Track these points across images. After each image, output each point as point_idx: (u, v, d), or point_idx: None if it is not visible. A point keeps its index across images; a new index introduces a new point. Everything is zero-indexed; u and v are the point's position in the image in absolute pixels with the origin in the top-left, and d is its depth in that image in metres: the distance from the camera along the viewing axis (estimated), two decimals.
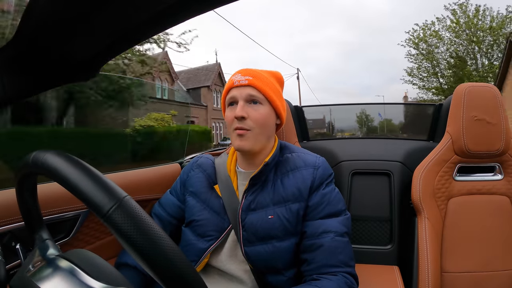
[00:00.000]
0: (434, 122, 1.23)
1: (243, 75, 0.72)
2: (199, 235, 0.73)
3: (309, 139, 1.35)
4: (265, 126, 0.72)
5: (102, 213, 0.28)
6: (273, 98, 0.73)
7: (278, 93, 0.75)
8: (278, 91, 0.76)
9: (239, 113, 0.69)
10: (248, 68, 0.76)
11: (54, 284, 0.34)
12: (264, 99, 0.72)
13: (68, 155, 0.33)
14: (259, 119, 0.71)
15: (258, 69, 0.77)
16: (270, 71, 0.79)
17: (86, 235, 0.84)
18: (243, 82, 0.71)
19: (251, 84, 0.71)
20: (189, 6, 0.29)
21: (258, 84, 0.71)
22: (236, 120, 0.70)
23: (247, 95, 0.71)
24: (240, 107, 0.70)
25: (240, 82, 0.71)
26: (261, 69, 0.77)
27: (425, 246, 0.91)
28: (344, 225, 0.70)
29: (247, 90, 0.71)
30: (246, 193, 0.72)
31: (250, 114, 0.70)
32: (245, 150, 0.71)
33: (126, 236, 0.27)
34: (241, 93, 0.71)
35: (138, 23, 0.32)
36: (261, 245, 0.69)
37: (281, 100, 0.77)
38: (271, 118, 0.74)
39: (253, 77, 0.72)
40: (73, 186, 0.30)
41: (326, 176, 0.74)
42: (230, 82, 0.74)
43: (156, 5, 0.29)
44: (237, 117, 0.69)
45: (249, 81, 0.71)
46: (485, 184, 0.98)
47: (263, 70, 0.77)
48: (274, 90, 0.74)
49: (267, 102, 0.72)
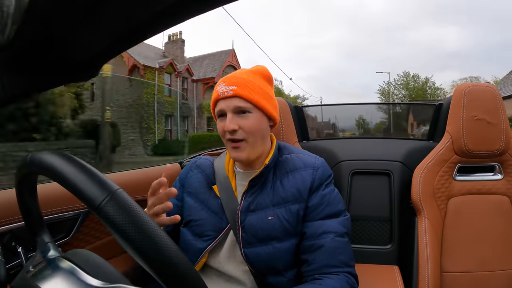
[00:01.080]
0: (434, 122, 1.23)
1: (227, 85, 0.70)
2: (197, 235, 0.73)
3: (309, 139, 1.36)
4: (258, 133, 0.71)
5: (94, 206, 0.28)
6: (262, 104, 0.71)
7: (266, 96, 0.73)
8: (266, 93, 0.73)
9: (229, 126, 0.68)
10: (233, 74, 0.74)
11: (55, 284, 0.35)
12: (252, 107, 0.70)
13: (63, 153, 0.33)
14: (250, 128, 0.69)
15: (244, 69, 0.75)
16: (255, 69, 0.76)
17: (86, 235, 0.84)
18: (228, 94, 0.69)
19: (237, 95, 0.69)
20: (189, 6, 0.29)
21: (244, 93, 0.69)
22: (228, 133, 0.69)
23: (235, 107, 0.69)
24: (229, 120, 0.69)
25: (225, 94, 0.69)
26: (246, 69, 0.75)
27: (425, 246, 0.91)
28: (343, 225, 0.70)
29: (234, 102, 0.69)
30: (245, 194, 0.72)
31: (241, 125, 0.69)
32: (242, 160, 0.71)
33: (118, 228, 0.28)
34: (228, 105, 0.69)
35: (138, 23, 0.32)
36: (261, 247, 0.69)
37: (271, 101, 0.74)
38: (263, 123, 0.72)
39: (237, 86, 0.69)
40: (67, 181, 0.30)
41: (326, 177, 0.74)
42: (215, 94, 0.72)
43: (156, 5, 0.29)
44: (227, 130, 0.69)
45: (233, 91, 0.69)
46: (485, 184, 0.99)
47: (248, 70, 0.75)
48: (261, 93, 0.71)
49: (256, 109, 0.70)
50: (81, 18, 0.30)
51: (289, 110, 1.07)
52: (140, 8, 0.30)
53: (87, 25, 0.31)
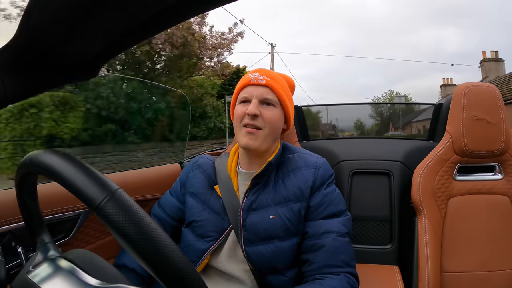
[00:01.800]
0: (434, 121, 1.23)
1: (261, 74, 0.73)
2: (199, 235, 0.73)
3: (309, 139, 1.36)
4: (275, 127, 0.73)
5: (94, 206, 0.28)
6: (286, 103, 0.74)
7: (290, 98, 0.77)
8: (290, 96, 0.77)
9: (252, 110, 0.69)
10: (264, 68, 0.77)
11: (55, 284, 0.35)
12: (277, 102, 0.73)
13: (63, 153, 0.33)
14: (271, 119, 0.71)
15: (273, 71, 0.78)
16: (283, 74, 0.81)
17: (86, 235, 0.84)
18: (261, 81, 0.72)
19: (268, 85, 0.71)
20: (189, 6, 0.29)
21: (275, 86, 0.72)
22: (247, 116, 0.70)
23: (262, 95, 0.71)
24: (253, 104, 0.70)
25: (257, 81, 0.72)
26: (275, 72, 0.78)
27: (425, 245, 0.91)
28: (345, 225, 0.70)
29: (264, 91, 0.72)
30: (247, 192, 0.72)
31: (262, 113, 0.71)
32: (252, 148, 0.71)
33: (118, 228, 0.27)
34: (257, 91, 0.71)
35: (138, 23, 0.32)
36: (262, 245, 0.69)
37: (292, 105, 0.78)
38: (280, 121, 0.75)
39: (271, 78, 0.72)
40: (66, 180, 0.30)
41: (327, 176, 0.75)
42: (246, 79, 0.74)
43: (156, 5, 0.29)
44: (249, 113, 0.69)
45: (267, 81, 0.72)
46: (485, 183, 0.98)
47: (277, 73, 0.79)
48: (287, 94, 0.75)
49: (280, 105, 0.73)
50: (81, 18, 0.30)
51: None
52: (140, 8, 0.30)
53: (87, 25, 0.31)
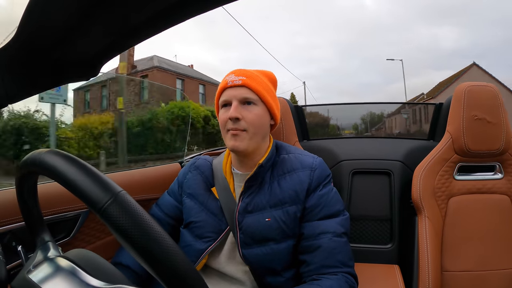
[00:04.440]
0: (434, 121, 1.23)
1: (236, 75, 0.71)
2: (197, 236, 0.73)
3: (309, 138, 1.35)
4: (260, 126, 0.71)
5: (97, 208, 0.28)
6: (267, 99, 0.72)
7: (271, 93, 0.75)
8: (271, 91, 0.75)
9: (233, 114, 0.68)
10: (242, 68, 0.75)
11: (55, 284, 0.35)
12: (258, 100, 0.71)
13: (65, 154, 0.33)
14: (253, 120, 0.70)
15: (252, 69, 0.77)
16: (262, 71, 0.79)
17: (86, 235, 0.84)
18: (237, 82, 0.70)
19: (245, 85, 0.70)
20: (189, 6, 0.29)
21: (252, 84, 0.70)
22: (230, 121, 0.69)
23: (241, 96, 0.70)
24: (234, 108, 0.69)
25: (234, 82, 0.70)
26: (253, 69, 0.77)
27: (425, 245, 0.91)
28: (342, 225, 0.70)
29: (241, 91, 0.70)
30: (242, 195, 0.72)
31: (244, 115, 0.69)
32: (240, 150, 0.70)
33: (121, 230, 0.27)
34: (235, 94, 0.70)
35: (138, 23, 0.32)
36: (258, 248, 0.69)
37: (275, 100, 0.76)
38: (265, 118, 0.73)
39: (247, 77, 0.71)
40: (69, 182, 0.30)
41: (323, 177, 0.74)
42: (223, 83, 0.73)
43: (156, 5, 0.29)
44: (231, 118, 0.69)
45: (243, 81, 0.70)
46: (485, 183, 0.98)
47: (256, 70, 0.77)
48: (267, 90, 0.73)
49: (261, 102, 0.72)
50: (81, 18, 0.30)
51: (289, 110, 1.07)
52: (140, 8, 0.30)
53: (87, 25, 0.31)
